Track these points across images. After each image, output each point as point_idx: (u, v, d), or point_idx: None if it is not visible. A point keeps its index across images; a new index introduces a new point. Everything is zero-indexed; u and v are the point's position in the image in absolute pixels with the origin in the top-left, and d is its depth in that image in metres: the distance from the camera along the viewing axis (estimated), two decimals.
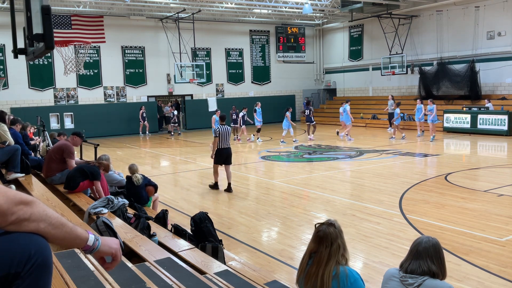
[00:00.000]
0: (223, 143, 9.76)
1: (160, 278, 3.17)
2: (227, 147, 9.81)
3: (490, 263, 5.37)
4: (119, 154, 16.54)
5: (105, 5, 22.40)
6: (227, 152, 9.83)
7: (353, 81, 28.77)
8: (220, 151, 9.77)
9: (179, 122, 28.49)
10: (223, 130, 9.74)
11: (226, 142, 9.81)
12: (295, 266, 5.14)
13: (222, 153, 9.78)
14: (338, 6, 24.50)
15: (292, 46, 29.64)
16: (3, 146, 7.01)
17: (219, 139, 9.69)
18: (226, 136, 9.78)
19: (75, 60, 13.85)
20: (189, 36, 24.19)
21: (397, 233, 6.66)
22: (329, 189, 9.82)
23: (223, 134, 9.75)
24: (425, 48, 23.94)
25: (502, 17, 20.61)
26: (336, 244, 2.78)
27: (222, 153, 9.78)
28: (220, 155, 9.79)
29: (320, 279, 2.72)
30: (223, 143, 9.76)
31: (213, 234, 4.76)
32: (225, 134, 9.76)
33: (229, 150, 9.88)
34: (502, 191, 8.93)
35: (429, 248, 2.69)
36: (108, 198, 5.40)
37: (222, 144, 9.75)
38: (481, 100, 20.71)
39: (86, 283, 2.79)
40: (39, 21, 3.46)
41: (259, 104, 19.78)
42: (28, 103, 22.02)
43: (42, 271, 1.47)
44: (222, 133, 9.72)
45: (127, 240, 4.11)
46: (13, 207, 1.40)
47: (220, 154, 9.80)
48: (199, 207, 8.34)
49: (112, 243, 1.72)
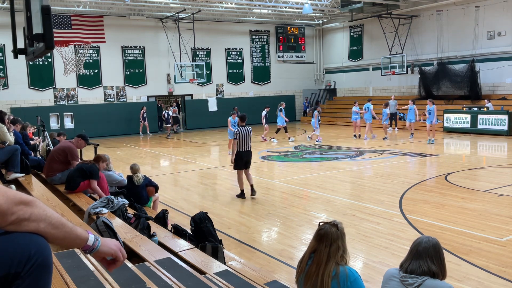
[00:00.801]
0: (243, 145, 9.07)
1: (160, 278, 3.17)
2: (247, 150, 9.14)
3: (490, 263, 5.36)
4: (119, 154, 16.54)
5: (105, 5, 22.40)
6: (247, 155, 9.20)
7: (353, 81, 28.77)
8: (240, 154, 9.09)
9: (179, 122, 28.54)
10: (244, 132, 9.04)
11: (247, 144, 9.12)
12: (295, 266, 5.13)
13: (242, 156, 9.11)
14: (338, 6, 24.50)
15: (292, 46, 29.64)
16: (3, 146, 7.01)
17: (239, 142, 9.02)
18: (246, 138, 9.07)
19: (75, 60, 13.84)
20: (189, 36, 24.19)
21: (397, 233, 6.66)
22: (329, 189, 9.82)
23: (243, 136, 9.05)
24: (425, 48, 23.94)
25: (502, 17, 20.61)
26: (336, 245, 2.78)
27: (242, 157, 9.11)
28: (241, 158, 9.12)
29: (320, 279, 2.73)
30: (243, 145, 9.07)
31: (213, 234, 4.76)
32: (245, 136, 9.05)
33: (249, 153, 9.23)
34: (502, 191, 8.93)
35: (429, 248, 2.69)
36: (108, 198, 5.40)
37: (243, 147, 9.07)
38: (481, 100, 20.71)
39: (86, 283, 2.79)
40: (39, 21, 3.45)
41: (283, 104, 19.45)
42: (28, 103, 22.02)
43: (42, 271, 1.47)
44: (242, 135, 9.01)
45: (127, 240, 4.11)
46: (13, 207, 1.40)
47: (240, 158, 9.12)
48: (199, 207, 8.34)
49: (112, 243, 1.72)
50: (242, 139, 9.03)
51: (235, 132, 9.13)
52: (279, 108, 18.98)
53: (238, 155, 9.09)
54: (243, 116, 9.45)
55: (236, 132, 9.10)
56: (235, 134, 9.07)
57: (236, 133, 9.05)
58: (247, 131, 9.08)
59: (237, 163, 9.16)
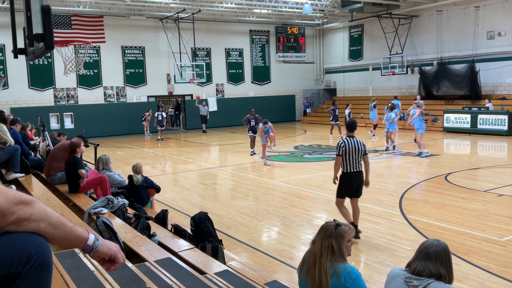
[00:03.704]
0: (351, 164, 6.39)
1: (160, 278, 3.17)
2: (357, 170, 6.43)
3: (490, 263, 5.37)
4: (119, 154, 16.54)
5: (105, 5, 22.40)
6: (358, 179, 6.48)
7: (353, 81, 28.77)
8: (347, 177, 6.46)
9: (178, 123, 28.53)
10: (351, 145, 6.34)
11: (356, 162, 6.40)
12: (295, 266, 5.14)
13: (351, 180, 6.45)
14: (338, 6, 24.49)
15: (292, 46, 29.64)
16: (3, 147, 7.01)
17: (344, 159, 6.39)
18: (355, 153, 6.36)
19: (75, 60, 13.85)
20: (189, 36, 24.19)
21: (397, 233, 6.66)
22: (329, 189, 9.79)
23: (351, 151, 6.33)
24: (425, 48, 23.95)
25: (502, 17, 20.61)
26: (328, 242, 2.82)
27: (351, 181, 6.46)
28: (349, 183, 6.47)
29: (317, 273, 2.76)
30: (351, 164, 6.39)
31: (213, 234, 4.76)
32: (353, 151, 6.34)
33: (360, 175, 6.50)
34: (502, 191, 8.93)
35: (440, 251, 2.70)
36: (108, 198, 5.41)
37: (350, 166, 6.40)
38: (481, 100, 20.72)
39: (86, 283, 2.79)
40: (39, 21, 3.45)
41: (376, 100, 19.69)
42: (28, 103, 22.01)
43: (42, 271, 1.47)
44: (348, 149, 6.33)
45: (127, 240, 4.11)
46: (13, 207, 1.40)
47: (348, 182, 6.47)
48: (199, 207, 8.33)
49: (111, 244, 1.73)
50: (349, 155, 6.36)
51: (339, 145, 6.40)
52: (373, 104, 19.26)
53: (345, 178, 6.49)
54: (352, 124, 6.68)
55: (340, 145, 6.37)
56: (339, 148, 6.39)
57: (341, 147, 6.36)
58: (357, 144, 6.37)
59: (342, 189, 6.56)
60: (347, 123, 6.78)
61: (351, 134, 6.51)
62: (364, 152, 6.40)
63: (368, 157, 6.50)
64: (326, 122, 26.69)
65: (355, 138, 6.42)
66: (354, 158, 6.35)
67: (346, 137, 6.46)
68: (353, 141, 6.37)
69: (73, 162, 6.48)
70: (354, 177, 6.44)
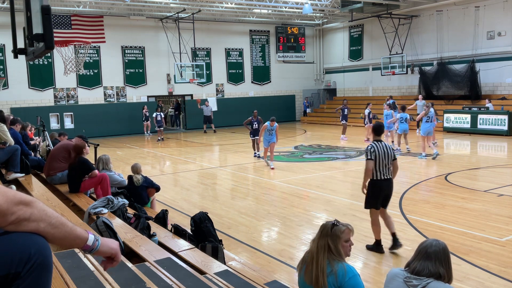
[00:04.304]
0: (381, 171, 5.87)
1: (160, 278, 3.17)
2: (387, 177, 5.92)
3: (490, 263, 5.37)
4: (119, 154, 16.54)
5: (105, 5, 22.40)
6: (388, 186, 5.98)
7: (353, 81, 28.77)
8: (377, 185, 5.92)
9: (177, 122, 28.53)
10: (382, 150, 5.85)
11: (386, 168, 5.89)
12: (295, 266, 5.13)
13: (381, 188, 5.93)
14: (338, 6, 24.50)
15: (292, 46, 29.64)
16: (3, 147, 7.01)
17: (375, 165, 5.86)
18: (386, 159, 5.86)
19: (75, 60, 13.85)
20: (189, 36, 24.18)
21: (397, 233, 6.65)
22: (329, 189, 9.82)
23: (382, 156, 5.84)
24: (425, 48, 23.95)
25: (502, 17, 20.62)
26: (324, 241, 2.85)
27: (381, 189, 5.93)
28: (379, 191, 5.94)
29: (315, 269, 2.80)
30: (381, 171, 5.87)
31: (213, 234, 4.76)
32: (384, 156, 5.84)
33: (390, 183, 5.99)
34: (502, 191, 8.93)
35: (439, 251, 2.70)
36: (108, 198, 5.41)
37: (381, 173, 5.87)
38: (481, 100, 20.72)
39: (86, 283, 2.79)
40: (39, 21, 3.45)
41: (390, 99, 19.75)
42: (28, 103, 22.02)
43: (42, 271, 1.47)
44: (379, 154, 5.83)
45: (127, 240, 4.11)
46: (13, 207, 1.41)
47: (378, 190, 5.94)
48: (199, 207, 8.33)
49: (112, 243, 1.73)
50: (379, 161, 5.84)
51: (369, 150, 5.88)
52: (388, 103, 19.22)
53: (374, 186, 5.93)
54: (379, 127, 6.18)
55: (370, 150, 5.85)
56: (370, 153, 5.85)
57: (371, 152, 5.84)
58: (386, 148, 5.90)
59: (372, 198, 5.99)
60: (374, 126, 6.22)
61: (379, 138, 6.01)
62: (394, 157, 5.92)
63: (397, 162, 6.01)
64: (326, 122, 26.74)
65: (384, 143, 5.94)
66: (384, 164, 5.84)
67: (374, 142, 5.93)
68: (382, 145, 5.88)
69: (81, 163, 6.48)
70: (385, 185, 5.91)
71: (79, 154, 6.60)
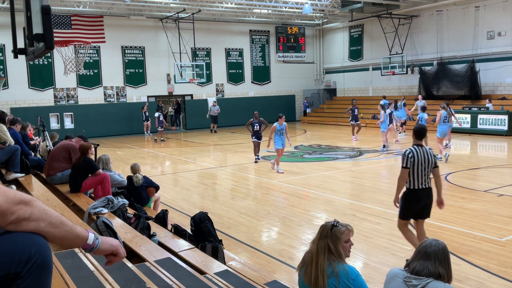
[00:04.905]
0: (419, 178, 5.26)
1: (160, 278, 3.17)
2: (426, 186, 5.31)
3: (490, 263, 5.37)
4: (119, 154, 16.54)
5: (105, 5, 22.40)
6: (427, 196, 5.37)
7: (353, 81, 28.77)
8: (414, 194, 5.32)
9: (177, 122, 28.52)
10: (420, 156, 5.23)
11: (426, 177, 5.29)
12: (295, 266, 5.14)
13: (419, 198, 5.34)
14: (338, 6, 24.50)
15: (292, 46, 29.64)
16: (3, 147, 7.01)
17: (412, 172, 5.24)
18: (425, 166, 5.24)
19: (75, 60, 13.84)
20: (189, 36, 24.18)
21: (397, 233, 6.62)
22: (329, 189, 9.81)
23: (420, 163, 5.22)
24: (425, 48, 23.95)
25: (502, 17, 20.61)
26: (324, 242, 2.84)
27: (419, 199, 5.35)
28: (415, 201, 5.36)
29: (314, 270, 2.79)
30: (419, 178, 5.26)
31: (213, 234, 4.76)
32: (423, 162, 5.23)
33: (429, 192, 5.37)
34: (502, 191, 8.93)
35: (439, 251, 2.70)
36: (108, 198, 5.41)
37: (418, 182, 5.26)
38: (481, 100, 20.71)
39: (86, 283, 2.79)
40: (39, 21, 3.46)
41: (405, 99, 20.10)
42: (28, 103, 22.02)
43: (42, 271, 1.47)
44: (418, 160, 5.22)
45: (127, 240, 4.11)
46: (13, 206, 1.41)
47: (414, 200, 5.36)
48: (199, 207, 8.33)
49: (112, 240, 1.74)
50: (418, 168, 5.23)
51: (406, 156, 5.26)
52: (403, 103, 19.43)
53: (411, 196, 5.34)
54: (421, 130, 5.50)
55: (408, 155, 5.24)
56: (407, 159, 5.25)
57: (409, 157, 5.23)
58: (427, 154, 5.27)
59: (406, 209, 5.40)
60: (415, 129, 5.52)
61: (420, 142, 5.36)
62: (435, 164, 5.29)
63: (439, 170, 5.40)
64: (326, 122, 26.74)
65: (425, 148, 5.32)
66: (424, 171, 5.22)
67: (414, 146, 5.30)
68: (423, 151, 5.24)
69: (85, 162, 6.49)
70: (424, 195, 5.30)
71: (84, 154, 6.62)
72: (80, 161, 6.55)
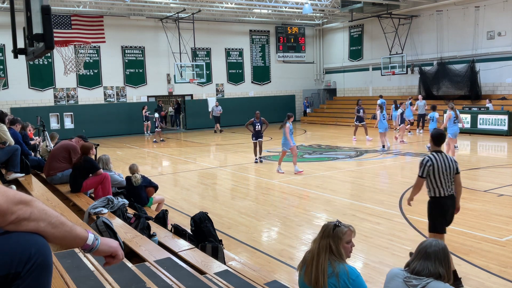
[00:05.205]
0: (442, 186, 5.02)
1: (160, 278, 3.17)
2: (451, 193, 5.07)
3: (490, 263, 5.37)
4: (119, 154, 16.54)
5: (105, 5, 22.40)
6: (452, 203, 5.13)
7: (353, 81, 28.77)
8: (441, 203, 5.09)
9: (177, 122, 28.52)
10: (440, 163, 4.97)
11: (450, 183, 5.03)
12: (295, 266, 5.14)
13: (446, 206, 5.09)
14: (338, 6, 24.50)
15: (292, 46, 29.64)
16: (3, 147, 7.01)
17: (433, 180, 5.03)
18: (445, 173, 4.98)
19: (75, 60, 13.84)
20: (189, 36, 24.19)
21: (397, 233, 6.66)
22: (329, 189, 9.81)
23: (442, 170, 4.97)
24: (425, 48, 23.95)
25: (502, 17, 20.61)
26: (326, 242, 2.84)
27: (446, 207, 5.10)
28: (444, 210, 5.11)
29: (315, 270, 2.79)
30: (442, 186, 5.02)
31: (213, 234, 4.76)
32: (443, 170, 4.97)
33: (453, 199, 5.13)
34: (502, 191, 8.93)
35: (439, 251, 2.70)
36: (108, 198, 5.41)
37: (442, 190, 5.02)
38: (481, 100, 20.71)
39: (86, 283, 2.79)
40: (39, 21, 3.46)
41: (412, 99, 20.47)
42: (28, 103, 22.02)
43: (42, 271, 1.47)
44: (437, 168, 4.97)
45: (127, 240, 4.11)
46: (13, 206, 1.41)
47: (443, 209, 5.11)
48: (199, 207, 8.33)
49: (111, 242, 1.73)
50: (440, 176, 4.98)
51: (424, 165, 5.05)
52: (409, 102, 19.63)
53: (438, 205, 5.11)
54: (440, 135, 5.23)
55: (426, 164, 5.01)
56: (424, 168, 5.04)
57: (427, 166, 5.01)
58: (448, 160, 5.00)
59: (439, 220, 5.17)
60: (434, 134, 5.20)
61: (439, 148, 5.11)
62: (456, 171, 5.03)
63: (460, 176, 5.15)
64: (326, 122, 26.73)
65: (444, 154, 5.06)
66: (447, 178, 4.98)
67: (433, 153, 5.05)
68: (442, 157, 4.98)
69: (87, 161, 6.49)
70: (450, 203, 5.08)
71: (85, 154, 6.62)
72: (81, 160, 6.55)
